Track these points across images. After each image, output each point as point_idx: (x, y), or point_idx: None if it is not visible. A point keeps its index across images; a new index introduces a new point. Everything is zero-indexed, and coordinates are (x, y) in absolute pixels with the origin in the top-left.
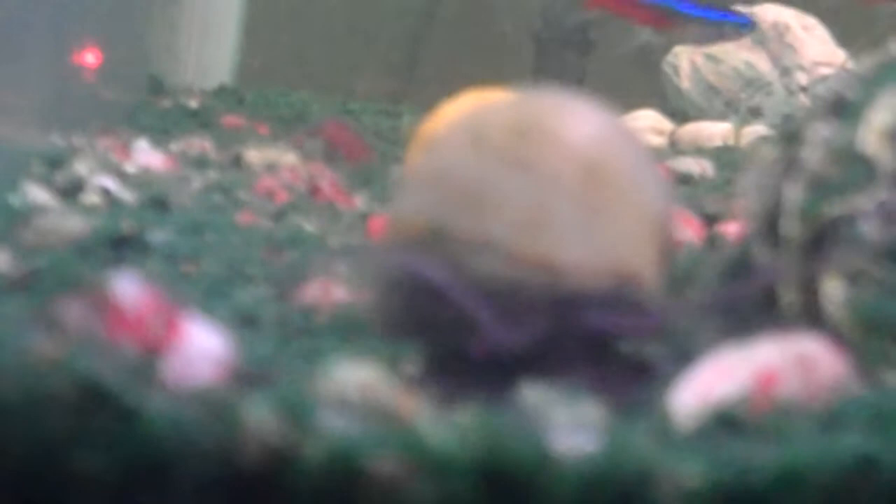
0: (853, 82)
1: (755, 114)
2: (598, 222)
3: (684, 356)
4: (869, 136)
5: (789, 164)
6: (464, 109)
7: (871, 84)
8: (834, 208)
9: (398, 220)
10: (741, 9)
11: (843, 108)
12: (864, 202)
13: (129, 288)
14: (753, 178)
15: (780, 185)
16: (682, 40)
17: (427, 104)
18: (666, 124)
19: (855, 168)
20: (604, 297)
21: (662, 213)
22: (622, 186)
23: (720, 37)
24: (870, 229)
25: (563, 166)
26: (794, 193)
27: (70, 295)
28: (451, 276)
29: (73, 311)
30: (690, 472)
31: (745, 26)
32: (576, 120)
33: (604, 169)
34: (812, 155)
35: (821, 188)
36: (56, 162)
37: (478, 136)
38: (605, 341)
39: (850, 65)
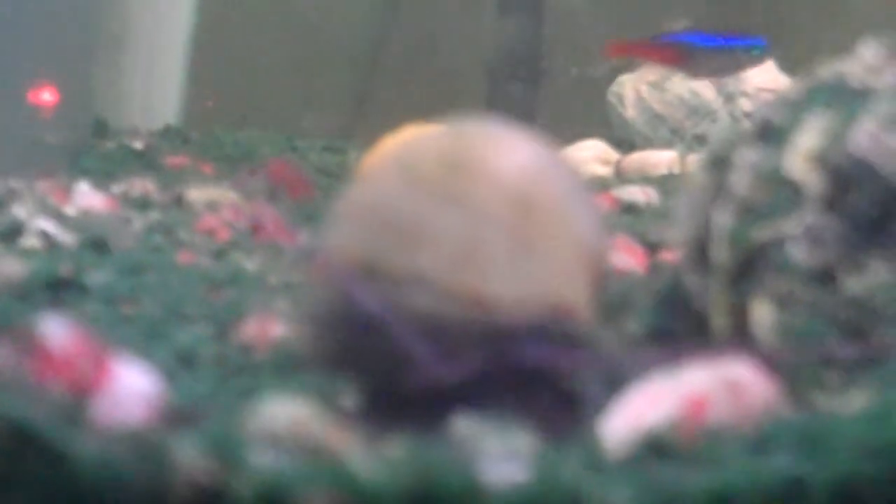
0: (780, 107)
1: (701, 141)
2: (530, 255)
3: (616, 385)
4: (795, 161)
5: (718, 190)
6: (399, 141)
7: (798, 108)
8: (762, 233)
9: (330, 253)
10: None
11: (770, 133)
12: (792, 226)
13: (57, 329)
14: (685, 204)
15: (709, 211)
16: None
17: (377, 139)
18: (612, 154)
19: (782, 192)
20: (537, 329)
21: (595, 244)
22: (554, 218)
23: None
24: (798, 253)
25: (494, 200)
26: (722, 219)
27: None
28: (384, 309)
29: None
30: (620, 498)
31: (759, 48)
32: (506, 152)
33: (535, 201)
34: (740, 180)
35: (749, 213)
36: None
37: (409, 168)
38: (538, 374)
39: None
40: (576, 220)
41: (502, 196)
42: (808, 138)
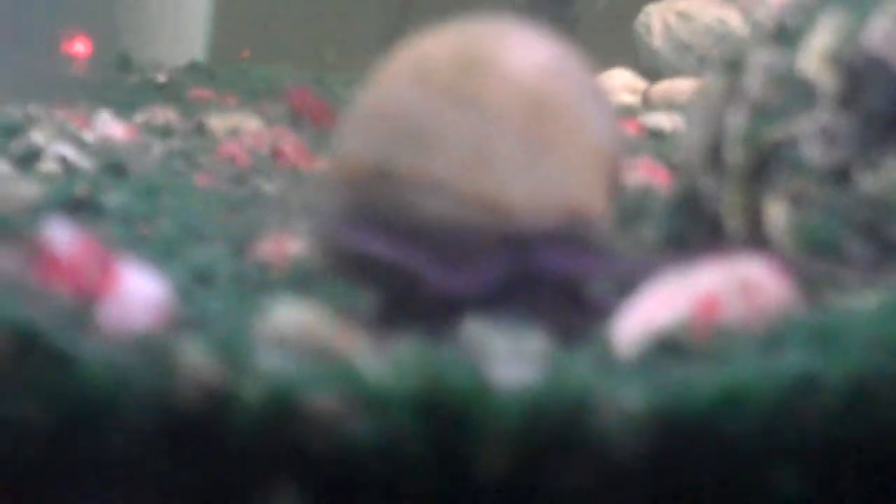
0: (795, 9)
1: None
2: (545, 158)
3: (630, 288)
4: (809, 60)
5: (731, 93)
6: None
7: (812, 9)
8: (776, 133)
9: (343, 159)
10: None
11: (784, 34)
12: (806, 126)
13: (62, 235)
14: (698, 107)
15: (722, 113)
16: None
17: None
18: (639, 83)
19: (795, 92)
20: (552, 234)
21: (611, 147)
22: (568, 120)
23: None
24: (811, 152)
25: (508, 102)
26: (736, 120)
27: (4, 244)
28: (388, 224)
29: (3, 260)
30: (630, 396)
31: None
32: (521, 52)
33: (549, 103)
34: (753, 81)
35: (762, 114)
36: (11, 131)
37: (421, 71)
38: (554, 279)
39: None
40: (591, 123)
41: (516, 98)
42: (822, 38)
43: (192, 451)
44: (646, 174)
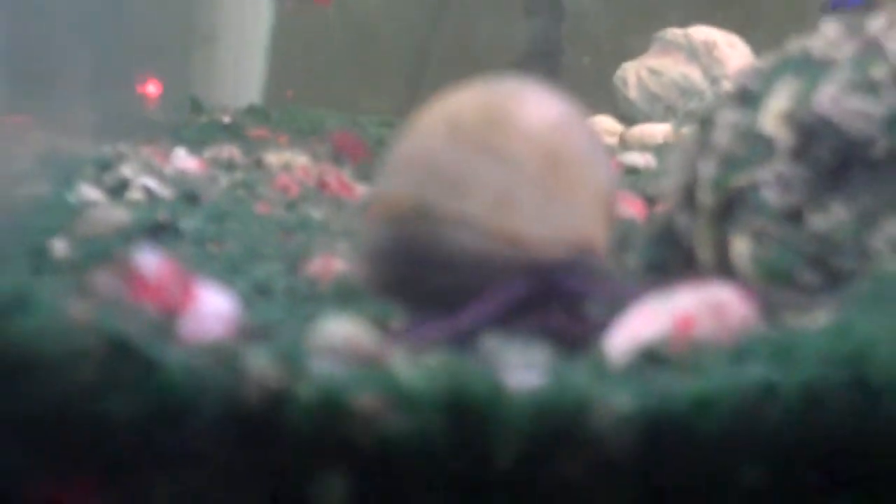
0: (755, 75)
1: (690, 117)
2: (557, 201)
3: (622, 307)
4: (768, 119)
5: (703, 145)
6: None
7: (770, 76)
8: (740, 180)
9: (384, 198)
10: None
11: (747, 97)
12: (765, 174)
13: (150, 260)
14: (676, 157)
15: (696, 162)
16: None
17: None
18: (617, 127)
19: (757, 146)
20: (563, 264)
21: (609, 191)
22: (576, 169)
23: None
24: (770, 196)
25: (527, 152)
26: (707, 169)
27: (101, 268)
28: (425, 254)
29: (102, 281)
30: (619, 401)
31: None
32: (537, 110)
33: (561, 154)
34: (721, 136)
35: (729, 164)
36: (104, 166)
37: (452, 123)
38: (564, 300)
39: None
40: (594, 169)
41: (534, 150)
42: (779, 101)
43: (256, 442)
44: (626, 207)
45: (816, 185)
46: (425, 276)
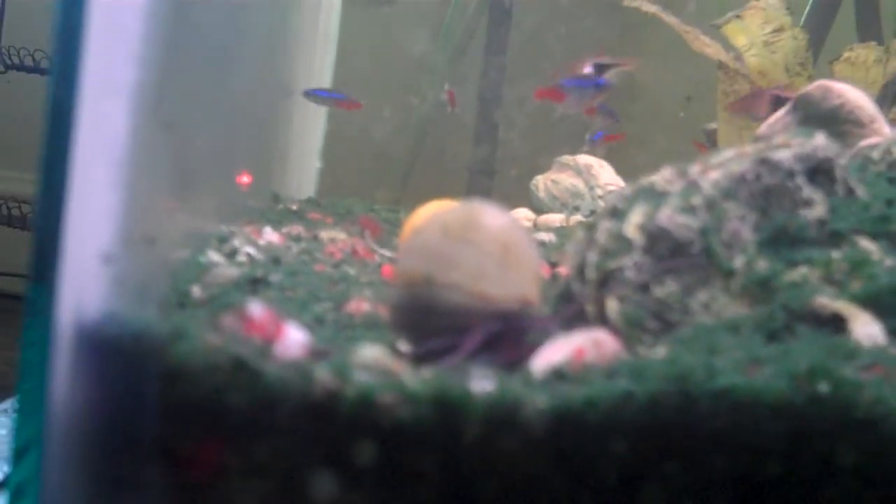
0: (621, 199)
1: (576, 210)
2: (510, 272)
3: (546, 338)
4: (629, 227)
5: (589, 241)
6: (432, 211)
7: (630, 200)
8: (612, 264)
9: (403, 272)
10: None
11: (616, 212)
12: (627, 261)
13: (256, 308)
14: (572, 247)
15: (585, 251)
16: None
17: (411, 206)
18: (532, 215)
19: (622, 244)
20: (517, 312)
21: (538, 266)
22: (521, 252)
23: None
24: (630, 275)
25: (490, 243)
26: (592, 256)
27: (227, 313)
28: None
29: (227, 322)
30: (539, 400)
31: (600, 86)
32: (493, 218)
33: (512, 244)
34: (601, 236)
35: (605, 254)
36: (223, 239)
37: (444, 227)
38: (515, 334)
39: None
40: (530, 253)
41: (495, 242)
42: (636, 216)
43: (320, 422)
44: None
45: (658, 269)
46: (429, 319)
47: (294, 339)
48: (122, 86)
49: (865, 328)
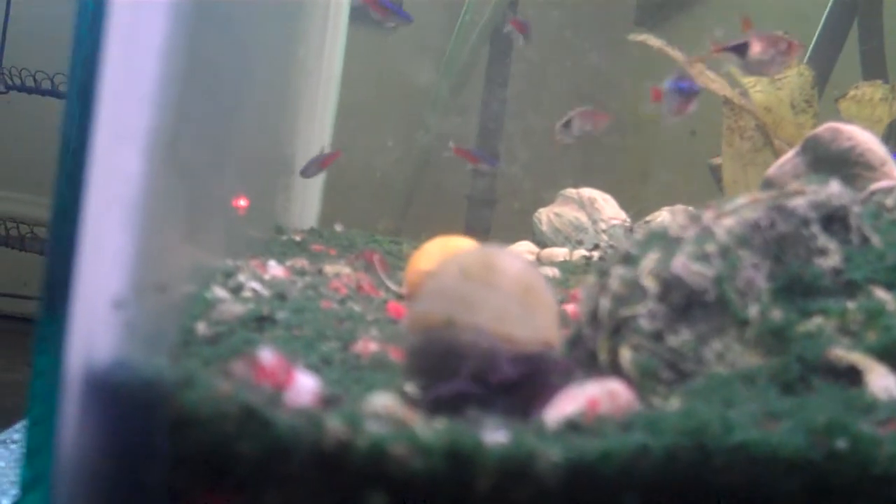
0: (634, 244)
1: (579, 244)
2: (532, 314)
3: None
4: (643, 274)
5: (602, 287)
6: (439, 248)
7: (643, 246)
8: (625, 312)
9: (420, 315)
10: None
11: (629, 258)
12: (641, 309)
13: (266, 354)
14: (584, 293)
15: (598, 297)
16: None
17: (411, 236)
18: (535, 249)
19: (636, 291)
20: (537, 354)
21: (555, 304)
22: (541, 295)
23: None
24: (644, 323)
25: (511, 285)
26: (605, 303)
27: (237, 359)
28: (451, 350)
29: (237, 368)
30: (553, 452)
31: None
32: (512, 261)
33: (532, 286)
34: (613, 283)
35: (618, 300)
36: (228, 274)
37: (462, 269)
38: (539, 376)
39: (627, 220)
40: (548, 295)
41: (516, 284)
42: (649, 262)
43: (330, 472)
44: None
45: (672, 317)
46: (450, 363)
47: (304, 385)
48: (137, 129)
49: (881, 381)
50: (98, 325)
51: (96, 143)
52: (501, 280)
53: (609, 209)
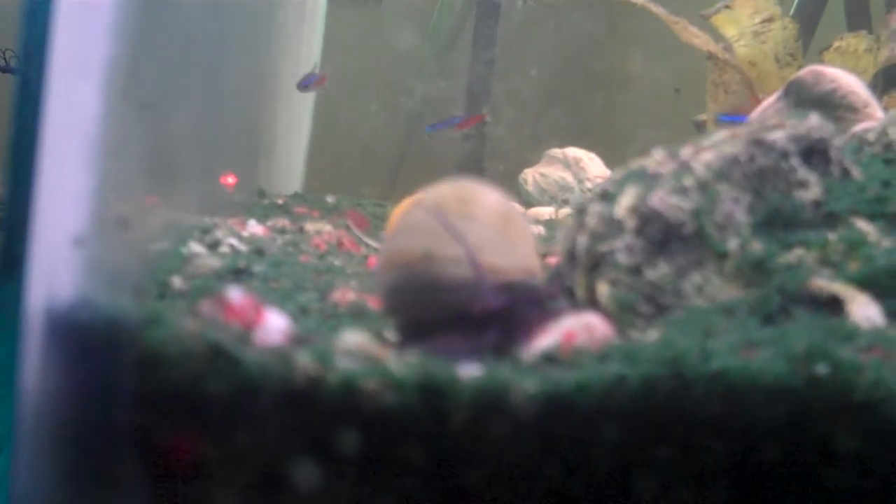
0: (611, 182)
1: (565, 203)
2: (512, 244)
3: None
4: (620, 210)
5: (580, 225)
6: (424, 192)
7: (620, 183)
8: (602, 247)
9: (395, 252)
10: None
11: (606, 195)
12: (618, 244)
13: (235, 294)
14: (563, 232)
15: (575, 236)
16: None
17: (399, 200)
18: (520, 209)
19: (613, 226)
20: (525, 282)
21: (534, 237)
22: (520, 224)
23: None
24: (621, 258)
25: (491, 216)
26: (582, 240)
27: (205, 299)
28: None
29: (205, 307)
30: (528, 385)
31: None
32: (488, 193)
33: (510, 216)
34: (591, 220)
35: (596, 237)
36: (205, 230)
37: (437, 204)
38: (524, 303)
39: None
40: (526, 225)
41: (494, 214)
42: (627, 198)
43: (300, 410)
44: None
45: (650, 251)
46: (431, 297)
47: (274, 324)
48: (94, 62)
49: (864, 310)
50: (59, 265)
51: (52, 76)
52: (479, 211)
53: (595, 168)
